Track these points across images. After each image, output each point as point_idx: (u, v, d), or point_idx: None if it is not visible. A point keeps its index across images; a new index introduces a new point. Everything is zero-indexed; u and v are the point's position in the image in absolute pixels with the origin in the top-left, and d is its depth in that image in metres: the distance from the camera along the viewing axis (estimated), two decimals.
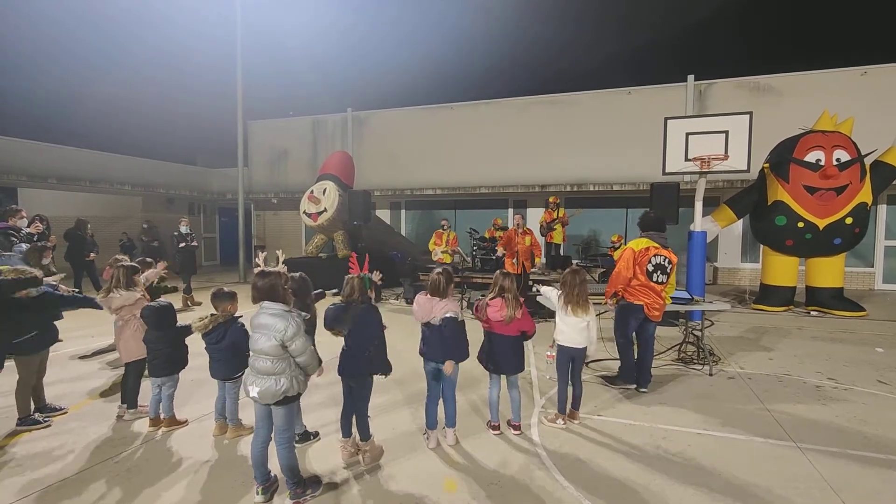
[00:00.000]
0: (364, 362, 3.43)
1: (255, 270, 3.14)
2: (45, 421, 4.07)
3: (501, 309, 3.74)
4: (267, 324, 2.90)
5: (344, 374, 3.49)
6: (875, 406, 4.51)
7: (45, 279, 4.24)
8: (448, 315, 3.56)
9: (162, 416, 3.98)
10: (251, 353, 2.97)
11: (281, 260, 3.83)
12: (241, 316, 3.85)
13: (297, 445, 3.65)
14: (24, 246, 5.92)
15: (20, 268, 4.05)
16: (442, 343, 3.57)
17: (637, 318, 4.84)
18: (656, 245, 4.82)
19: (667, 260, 4.84)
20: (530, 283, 8.77)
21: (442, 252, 10.24)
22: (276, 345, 2.87)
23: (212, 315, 3.73)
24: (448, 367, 3.55)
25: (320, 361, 3.31)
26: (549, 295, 4.37)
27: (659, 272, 4.80)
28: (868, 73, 11.58)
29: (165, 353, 3.90)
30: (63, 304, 4.32)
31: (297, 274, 3.76)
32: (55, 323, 4.26)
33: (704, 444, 3.75)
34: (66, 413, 4.30)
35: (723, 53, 25.59)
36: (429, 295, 3.65)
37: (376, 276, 3.65)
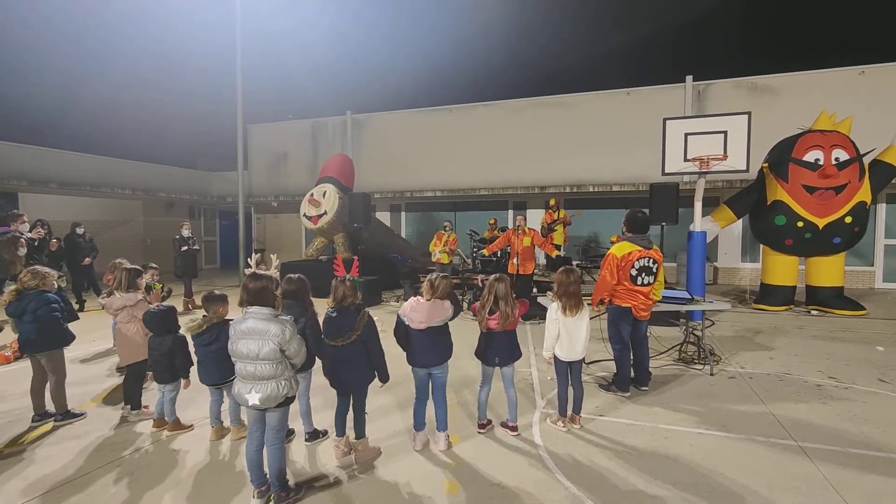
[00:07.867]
0: (367, 371, 3.47)
1: (247, 272, 3.16)
2: (82, 414, 4.34)
3: (497, 319, 3.76)
4: (259, 329, 2.89)
5: (346, 389, 3.50)
6: (876, 405, 4.52)
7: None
8: (443, 320, 3.59)
9: (166, 418, 4.03)
10: (243, 360, 2.89)
11: (274, 265, 3.78)
12: (232, 319, 3.85)
13: (306, 444, 3.79)
14: None
15: (37, 272, 4.18)
16: (431, 347, 3.59)
17: (628, 321, 4.84)
18: (639, 248, 4.74)
19: (651, 261, 4.78)
20: (531, 285, 8.78)
21: (440, 252, 10.23)
22: (275, 349, 2.88)
23: (204, 317, 3.76)
24: None
25: (313, 362, 3.55)
26: (549, 314, 4.10)
27: (644, 274, 4.76)
28: (866, 73, 11.60)
29: (167, 361, 3.96)
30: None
31: (296, 275, 3.75)
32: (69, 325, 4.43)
33: (706, 444, 3.76)
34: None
35: (721, 54, 25.66)
36: (430, 299, 3.57)
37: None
